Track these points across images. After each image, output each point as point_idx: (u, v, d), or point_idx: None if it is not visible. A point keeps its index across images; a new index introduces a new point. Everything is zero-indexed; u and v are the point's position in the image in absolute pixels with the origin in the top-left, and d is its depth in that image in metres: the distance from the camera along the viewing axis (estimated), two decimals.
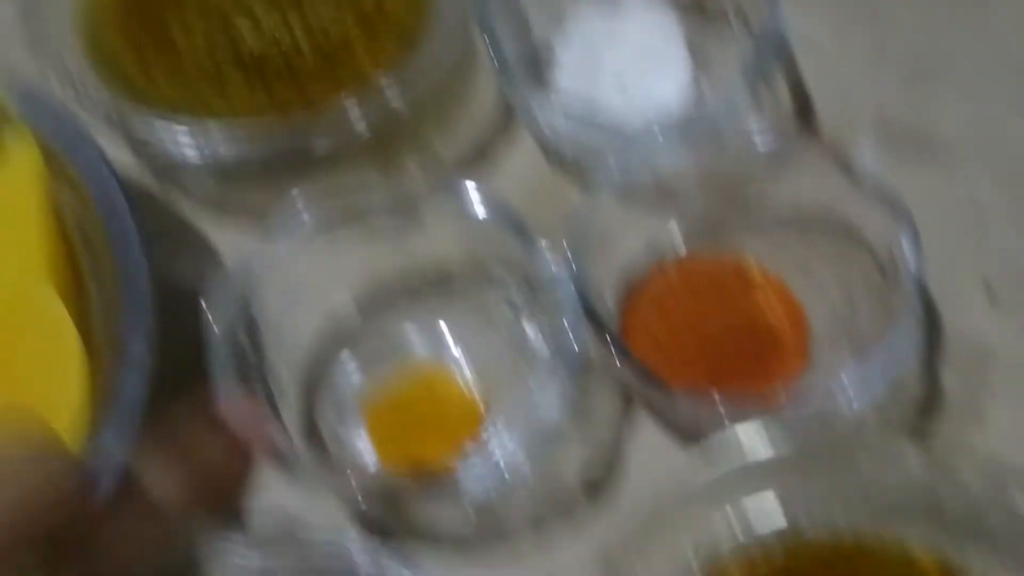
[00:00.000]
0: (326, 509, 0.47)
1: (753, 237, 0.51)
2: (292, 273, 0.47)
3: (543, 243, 0.45)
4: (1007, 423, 0.48)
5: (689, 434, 0.48)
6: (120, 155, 0.52)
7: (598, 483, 0.48)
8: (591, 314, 0.44)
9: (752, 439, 0.41)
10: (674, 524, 0.40)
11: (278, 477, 0.47)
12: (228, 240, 0.54)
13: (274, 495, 0.47)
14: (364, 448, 0.48)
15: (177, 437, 0.32)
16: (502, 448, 0.46)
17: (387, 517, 0.47)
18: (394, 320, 0.51)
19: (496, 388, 0.49)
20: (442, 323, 0.50)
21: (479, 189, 0.46)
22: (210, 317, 0.43)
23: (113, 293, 0.44)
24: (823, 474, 0.41)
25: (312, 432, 0.48)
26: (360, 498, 0.42)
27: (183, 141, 0.49)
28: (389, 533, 0.47)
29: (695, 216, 0.52)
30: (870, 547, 0.41)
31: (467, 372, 0.50)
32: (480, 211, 0.46)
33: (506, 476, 0.43)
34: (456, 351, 0.50)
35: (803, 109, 0.57)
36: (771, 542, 0.42)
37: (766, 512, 0.42)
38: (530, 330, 0.48)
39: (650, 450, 0.49)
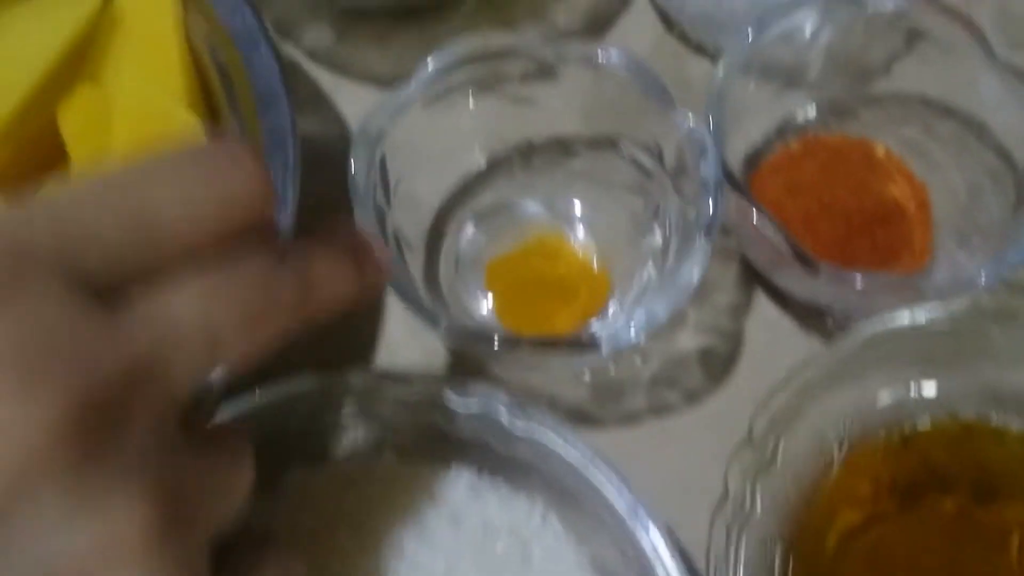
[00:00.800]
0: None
1: (876, 117, 0.51)
2: (420, 131, 0.46)
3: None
4: None
5: (813, 311, 0.48)
6: None
7: (716, 356, 0.48)
8: (732, 182, 0.44)
9: (889, 319, 0.41)
10: (816, 399, 0.40)
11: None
12: (347, 97, 0.54)
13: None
14: (483, 306, 0.48)
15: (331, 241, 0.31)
16: (625, 316, 0.46)
17: (509, 376, 0.48)
18: (517, 182, 0.50)
19: (619, 253, 0.49)
20: (565, 187, 0.50)
21: (616, 49, 0.45)
22: (353, 167, 0.43)
23: (252, 125, 0.43)
24: (964, 354, 0.42)
25: (433, 288, 0.48)
26: (493, 350, 0.41)
27: None
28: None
29: (820, 92, 0.51)
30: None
31: (589, 238, 0.49)
32: (617, 71, 0.45)
33: (627, 343, 0.43)
34: (579, 216, 0.50)
35: None
36: (913, 421, 0.42)
37: (906, 391, 0.42)
38: (659, 196, 0.47)
39: (768, 327, 0.49)
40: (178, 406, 0.25)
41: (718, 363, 0.48)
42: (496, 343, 0.41)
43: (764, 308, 0.49)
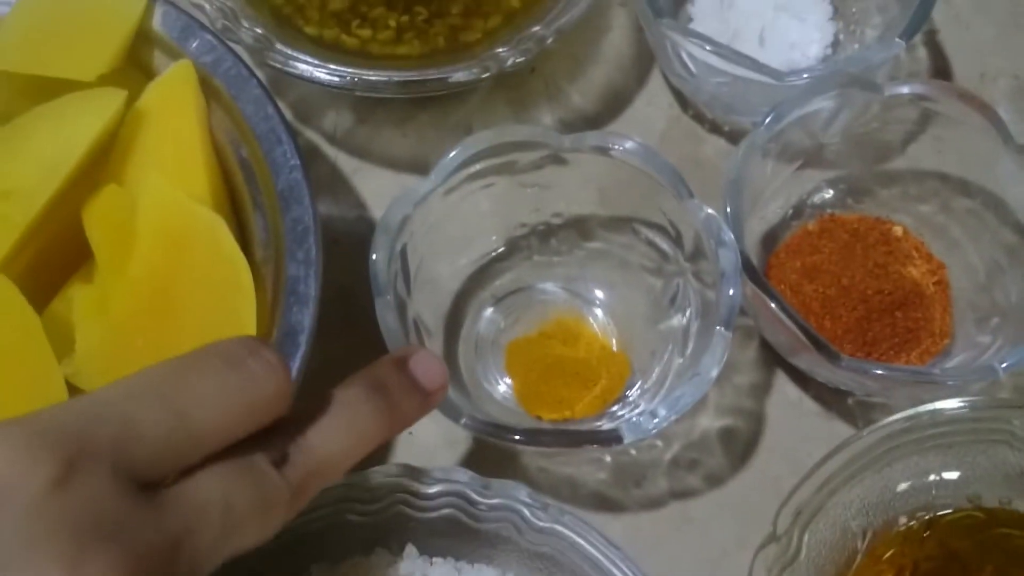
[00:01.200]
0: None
1: (893, 195, 0.51)
2: (440, 219, 0.46)
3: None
4: None
5: (835, 390, 0.48)
6: None
7: (738, 437, 0.48)
8: (750, 271, 0.44)
9: (911, 412, 0.41)
10: (838, 492, 0.40)
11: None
12: (366, 180, 0.54)
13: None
14: (503, 389, 0.49)
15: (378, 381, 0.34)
16: (647, 401, 0.47)
17: (529, 459, 0.48)
18: (535, 265, 0.50)
19: (638, 334, 0.49)
20: (583, 268, 0.50)
21: (631, 140, 0.46)
22: (374, 259, 0.43)
23: (274, 221, 0.43)
24: (985, 442, 0.42)
25: (453, 372, 0.48)
26: (516, 444, 0.42)
27: (329, 77, 0.49)
28: (531, 480, 0.47)
29: (837, 171, 0.51)
30: None
31: (608, 319, 0.50)
32: (631, 159, 0.46)
33: (648, 430, 0.43)
34: (597, 297, 0.50)
35: (940, 73, 0.56)
36: (935, 508, 0.42)
37: (928, 478, 0.42)
38: (678, 277, 0.47)
39: (790, 407, 0.49)
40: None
41: (740, 445, 0.48)
42: (517, 437, 0.41)
43: (785, 387, 0.50)
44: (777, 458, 0.48)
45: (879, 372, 0.42)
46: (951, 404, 0.41)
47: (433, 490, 0.40)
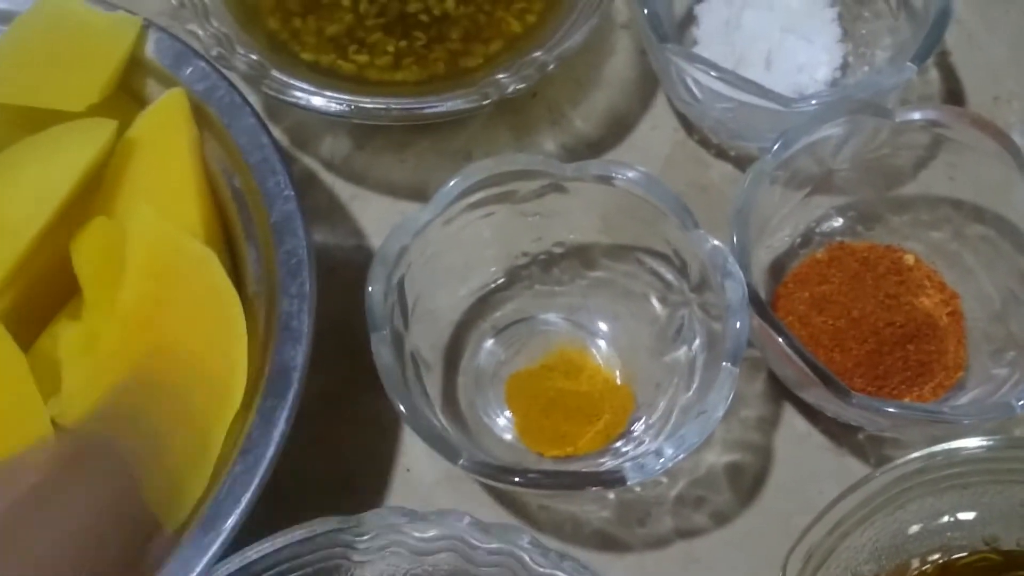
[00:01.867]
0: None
1: (904, 222, 0.50)
2: (439, 250, 0.45)
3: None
4: None
5: (844, 424, 0.47)
6: None
7: (745, 473, 0.47)
8: (757, 305, 0.43)
9: (924, 453, 0.40)
10: (850, 535, 0.39)
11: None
12: (364, 207, 0.53)
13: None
14: (503, 423, 0.47)
15: None
16: (651, 437, 0.45)
17: (530, 499, 0.46)
18: (537, 295, 0.49)
19: (642, 366, 0.48)
20: (586, 298, 0.49)
21: (632, 167, 0.45)
22: (371, 293, 0.42)
23: (268, 252, 0.42)
24: (1002, 482, 0.40)
25: (451, 406, 0.47)
26: (514, 483, 0.40)
27: (326, 104, 0.47)
28: (531, 517, 0.46)
29: (847, 198, 0.50)
30: None
31: (611, 350, 0.48)
32: (634, 188, 0.45)
33: (654, 470, 0.41)
34: (601, 328, 0.49)
35: (953, 96, 0.55)
36: (950, 550, 0.41)
37: (942, 519, 0.41)
38: (683, 307, 0.46)
39: (798, 441, 0.47)
40: None
41: (747, 480, 0.47)
42: (517, 480, 0.40)
43: (793, 421, 0.48)
44: (785, 495, 0.46)
45: (891, 410, 0.40)
46: (967, 444, 0.40)
47: (430, 534, 0.38)
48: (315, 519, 0.38)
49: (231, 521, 0.38)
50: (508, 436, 0.47)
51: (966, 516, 0.41)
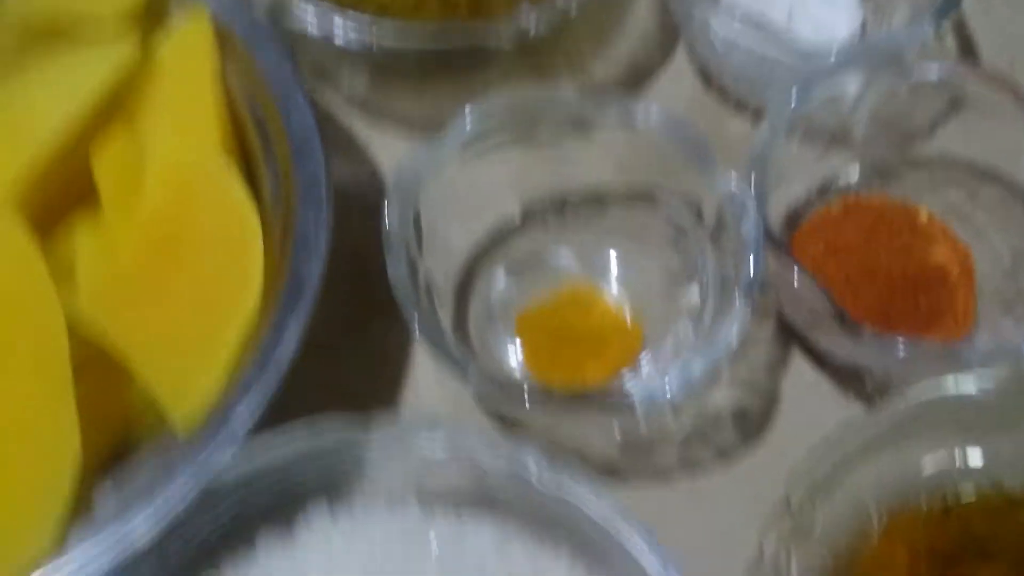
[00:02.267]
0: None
1: (919, 180, 0.50)
2: (455, 182, 0.46)
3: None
4: None
5: (851, 372, 0.47)
6: None
7: (751, 414, 0.47)
8: (773, 242, 0.43)
9: (932, 388, 0.40)
10: (855, 468, 0.39)
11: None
12: (381, 144, 0.53)
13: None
14: (513, 357, 0.47)
15: None
16: (659, 374, 0.45)
17: (538, 430, 0.47)
18: (551, 234, 0.49)
19: (653, 308, 0.48)
20: (600, 240, 0.49)
21: (656, 107, 0.45)
22: (387, 215, 0.42)
23: (286, 174, 0.42)
24: (1009, 424, 0.40)
25: (463, 336, 0.47)
26: (525, 404, 0.41)
27: (345, 33, 0.48)
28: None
29: (863, 154, 0.50)
30: None
31: (623, 292, 0.49)
32: (656, 128, 0.45)
33: (662, 401, 0.42)
34: (613, 269, 0.49)
35: (968, 57, 0.55)
36: (956, 491, 0.41)
37: (950, 460, 0.41)
38: (696, 252, 0.46)
39: (805, 387, 0.48)
40: None
41: (752, 421, 0.47)
42: (526, 396, 0.40)
43: (801, 367, 0.48)
44: (790, 437, 0.46)
45: (901, 347, 0.41)
46: (975, 386, 0.40)
47: (438, 443, 0.39)
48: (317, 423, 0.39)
49: (242, 427, 0.38)
50: (517, 369, 0.47)
51: (973, 459, 0.41)
